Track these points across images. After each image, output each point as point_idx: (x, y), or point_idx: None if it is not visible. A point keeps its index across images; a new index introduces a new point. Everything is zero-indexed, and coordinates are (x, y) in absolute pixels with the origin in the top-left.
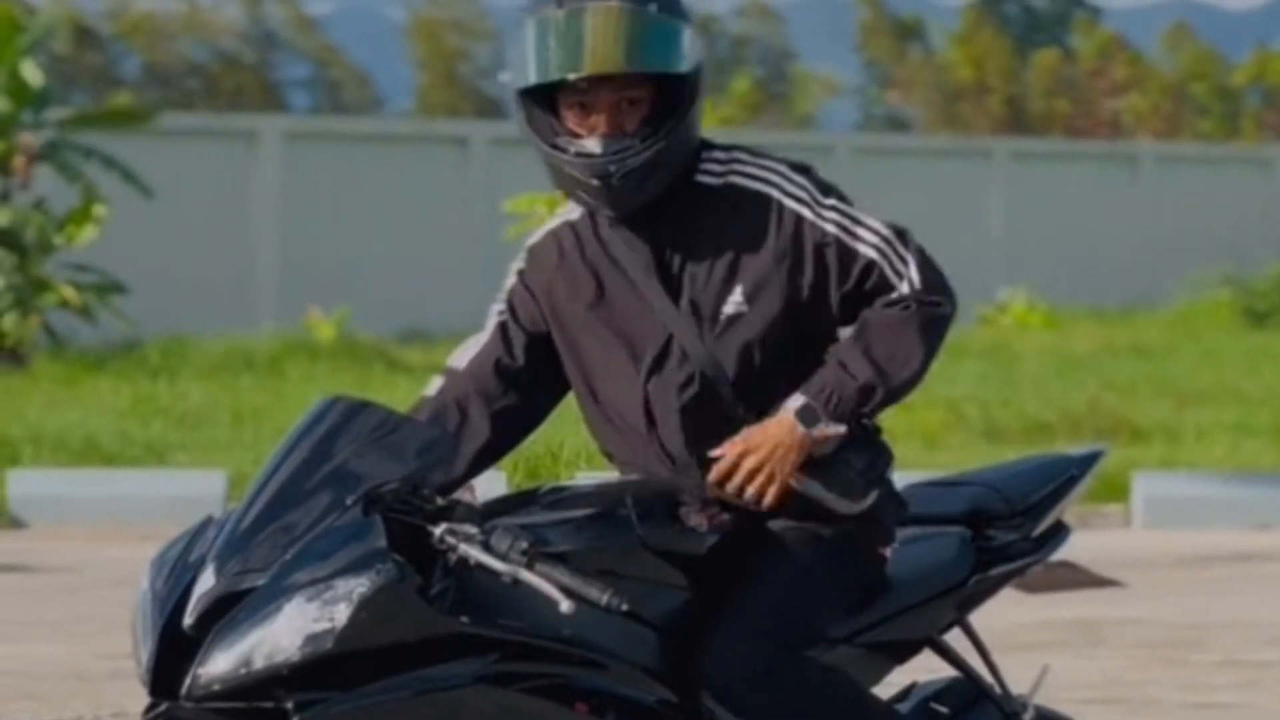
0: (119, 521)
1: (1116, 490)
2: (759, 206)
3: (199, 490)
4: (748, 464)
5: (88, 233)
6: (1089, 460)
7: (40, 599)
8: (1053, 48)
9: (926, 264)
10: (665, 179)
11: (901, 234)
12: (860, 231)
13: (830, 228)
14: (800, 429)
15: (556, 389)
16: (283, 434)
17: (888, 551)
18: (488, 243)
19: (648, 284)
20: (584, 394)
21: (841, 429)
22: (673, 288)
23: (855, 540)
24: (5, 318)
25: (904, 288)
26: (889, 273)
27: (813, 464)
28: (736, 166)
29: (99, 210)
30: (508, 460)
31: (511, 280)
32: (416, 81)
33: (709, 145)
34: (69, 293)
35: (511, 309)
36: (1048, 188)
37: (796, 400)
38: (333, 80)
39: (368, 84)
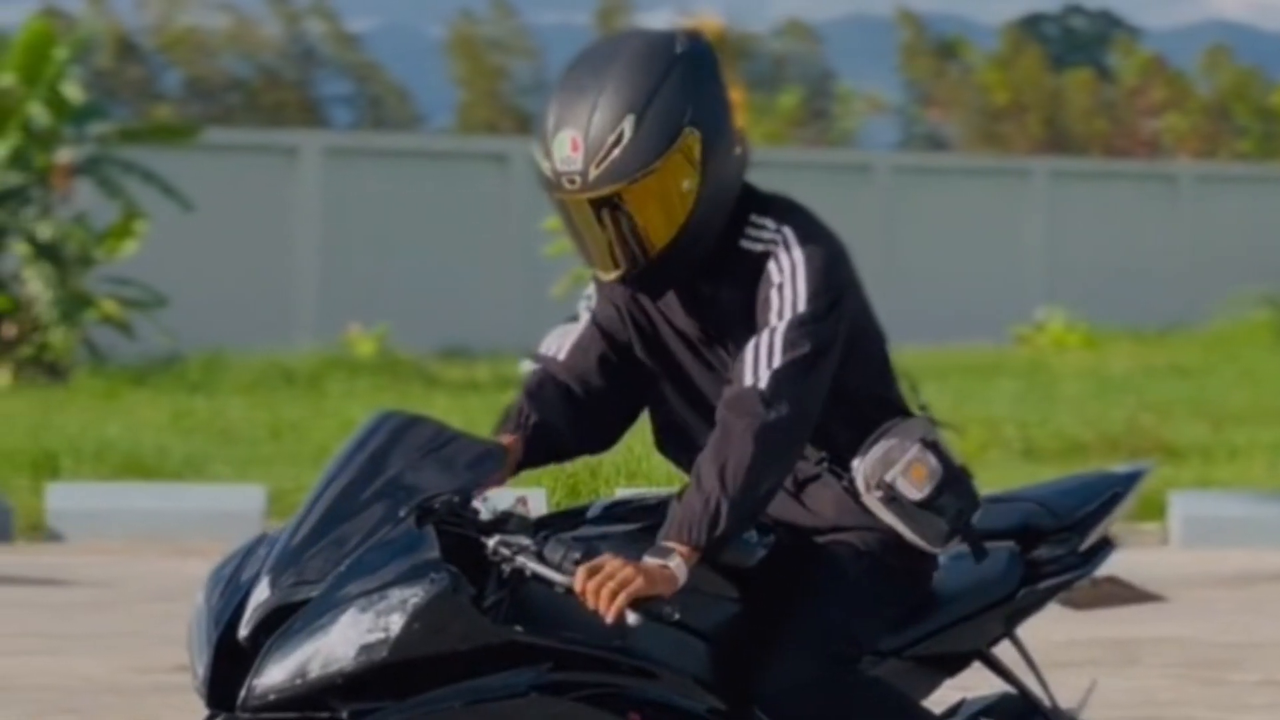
0: (157, 535)
1: (1154, 509)
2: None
3: (238, 505)
4: (604, 573)
5: (128, 247)
6: (1134, 477)
7: (78, 613)
8: (1089, 68)
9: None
10: (696, 255)
11: (796, 340)
12: (789, 331)
13: (773, 306)
14: (648, 561)
15: (647, 390)
16: (323, 450)
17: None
18: (527, 260)
19: (686, 355)
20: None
21: (687, 563)
22: (713, 357)
23: (906, 556)
24: (45, 332)
25: (747, 380)
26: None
27: (904, 510)
28: (783, 237)
29: (139, 225)
30: (548, 478)
31: (591, 284)
32: (457, 98)
33: (767, 205)
34: (110, 307)
35: (600, 288)
36: (1086, 207)
37: (661, 533)
38: (373, 96)
39: (408, 100)
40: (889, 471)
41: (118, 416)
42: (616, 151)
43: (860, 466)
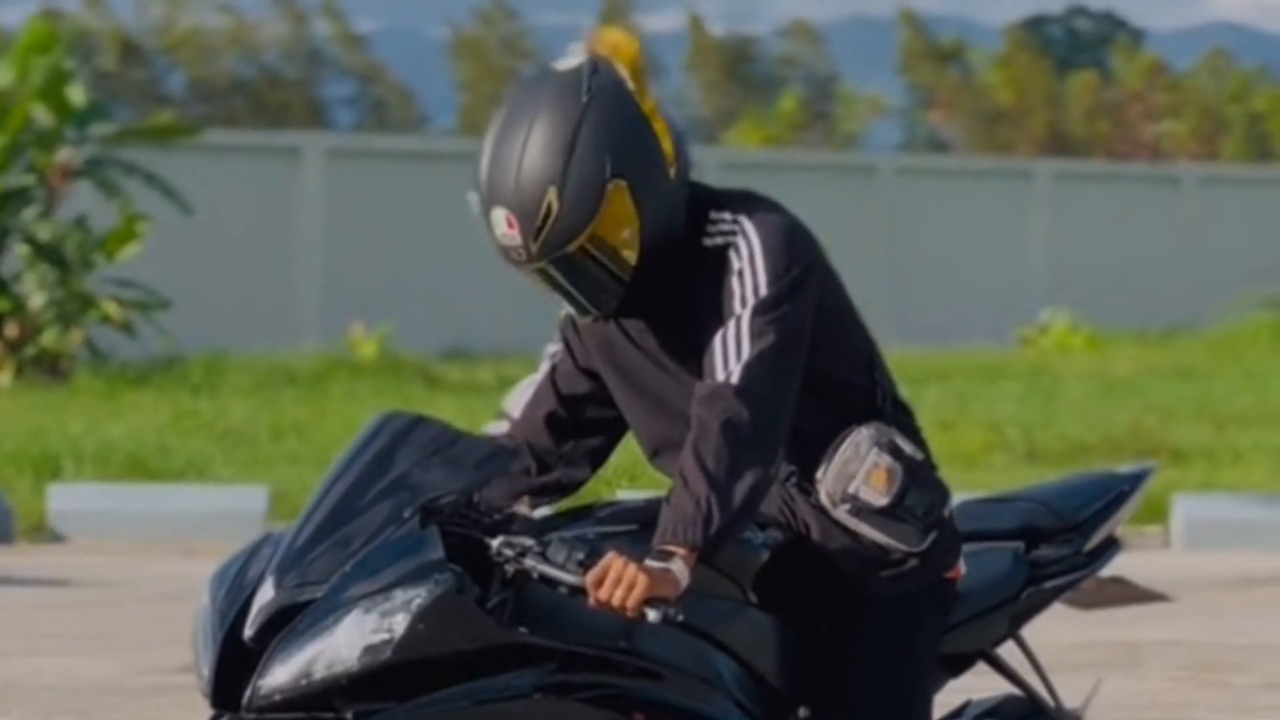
0: (160, 536)
1: (1156, 512)
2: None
3: (240, 505)
4: (611, 577)
5: (130, 249)
6: (1139, 477)
7: (81, 613)
8: (1092, 70)
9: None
10: (662, 263)
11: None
12: (757, 318)
13: (735, 299)
14: (650, 564)
15: (612, 431)
16: (325, 450)
17: (959, 573)
18: None
19: (668, 382)
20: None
21: (688, 565)
22: (677, 361)
23: (932, 572)
24: (46, 333)
25: (719, 374)
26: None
27: (874, 514)
28: (740, 226)
29: (141, 226)
30: None
31: (561, 316)
32: (460, 100)
33: (724, 200)
34: (111, 308)
35: (566, 347)
36: (1089, 209)
37: (656, 537)
38: (377, 98)
39: (411, 102)
40: (851, 483)
41: (119, 418)
42: (549, 225)
43: (823, 482)
